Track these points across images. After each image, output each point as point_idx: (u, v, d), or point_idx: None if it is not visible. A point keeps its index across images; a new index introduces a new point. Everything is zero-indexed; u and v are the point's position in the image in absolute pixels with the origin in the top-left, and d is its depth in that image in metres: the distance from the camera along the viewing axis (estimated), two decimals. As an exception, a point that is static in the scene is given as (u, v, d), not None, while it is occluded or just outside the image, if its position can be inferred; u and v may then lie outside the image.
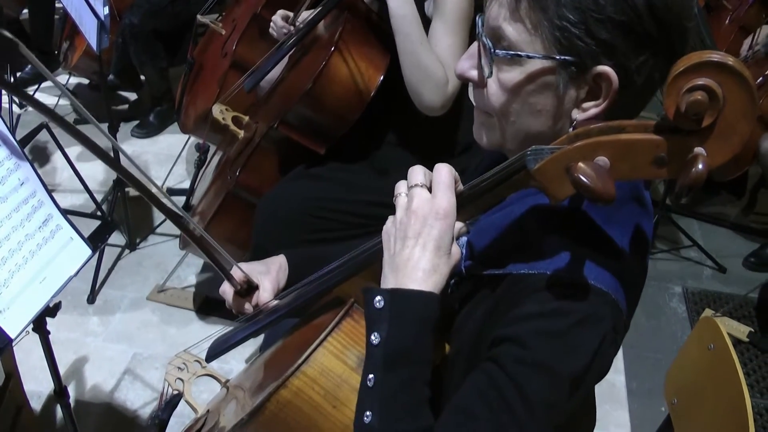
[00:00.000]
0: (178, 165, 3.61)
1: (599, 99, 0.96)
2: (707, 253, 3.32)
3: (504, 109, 1.01)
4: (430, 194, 0.99)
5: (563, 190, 0.88)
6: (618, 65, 0.93)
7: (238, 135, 2.31)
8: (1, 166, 1.65)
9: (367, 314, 0.99)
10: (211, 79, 3.07)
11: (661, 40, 0.93)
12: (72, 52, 3.84)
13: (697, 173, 0.78)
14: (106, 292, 3.04)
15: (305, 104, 2.08)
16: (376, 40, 2.14)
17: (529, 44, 0.96)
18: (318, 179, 2.19)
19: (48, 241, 1.72)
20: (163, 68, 3.84)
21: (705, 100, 0.77)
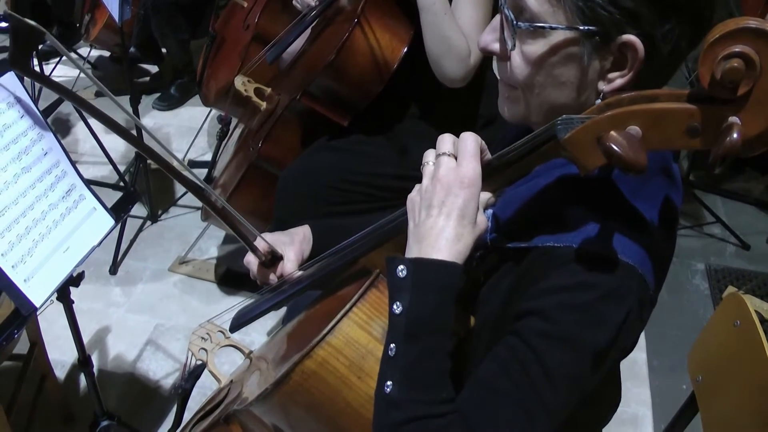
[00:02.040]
0: (199, 137, 3.61)
1: (625, 69, 0.94)
2: (731, 230, 3.29)
3: (528, 82, 1.00)
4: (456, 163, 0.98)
5: (594, 160, 0.86)
6: (643, 34, 0.90)
7: (261, 107, 2.30)
8: (25, 137, 1.65)
9: (389, 283, 0.99)
10: (232, 51, 3.06)
11: (688, 7, 0.90)
12: (93, 24, 3.83)
13: (732, 142, 0.76)
14: (128, 263, 3.06)
15: (328, 76, 2.06)
16: (400, 12, 2.11)
17: (551, 15, 0.94)
18: (340, 151, 2.18)
19: (71, 210, 1.73)
20: (184, 40, 3.83)
21: (741, 67, 0.75)
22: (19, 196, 1.62)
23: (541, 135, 0.92)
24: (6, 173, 1.61)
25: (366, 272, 1.16)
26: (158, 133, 3.78)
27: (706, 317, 2.88)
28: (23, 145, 1.65)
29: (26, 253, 1.60)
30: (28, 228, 1.62)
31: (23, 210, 1.62)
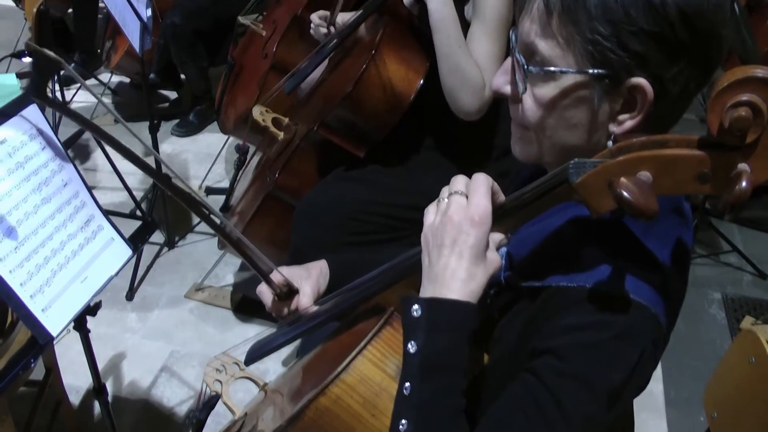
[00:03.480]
0: (217, 164, 3.64)
1: (635, 111, 0.95)
2: (747, 259, 3.27)
3: (540, 124, 1.01)
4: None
5: (605, 204, 0.87)
6: (652, 76, 0.92)
7: (278, 137, 2.32)
8: (46, 168, 1.68)
9: (404, 323, 1.00)
10: (251, 79, 3.10)
11: (696, 49, 0.91)
12: (114, 51, 3.90)
13: (741, 191, 0.77)
14: (144, 289, 3.08)
15: (345, 107, 2.08)
16: (416, 44, 2.14)
17: (561, 59, 0.96)
18: (357, 182, 2.20)
19: (90, 241, 1.75)
20: (203, 68, 3.88)
21: (749, 116, 0.76)
22: (38, 226, 1.65)
23: (553, 178, 0.93)
24: (27, 204, 1.63)
25: (381, 309, 1.16)
26: (176, 159, 3.82)
27: (724, 347, 2.87)
28: (44, 176, 1.68)
29: (44, 283, 1.62)
30: (46, 258, 1.64)
31: (42, 240, 1.64)
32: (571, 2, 0.93)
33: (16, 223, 1.61)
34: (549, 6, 0.95)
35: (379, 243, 2.16)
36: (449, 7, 1.96)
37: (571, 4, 0.93)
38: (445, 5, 1.96)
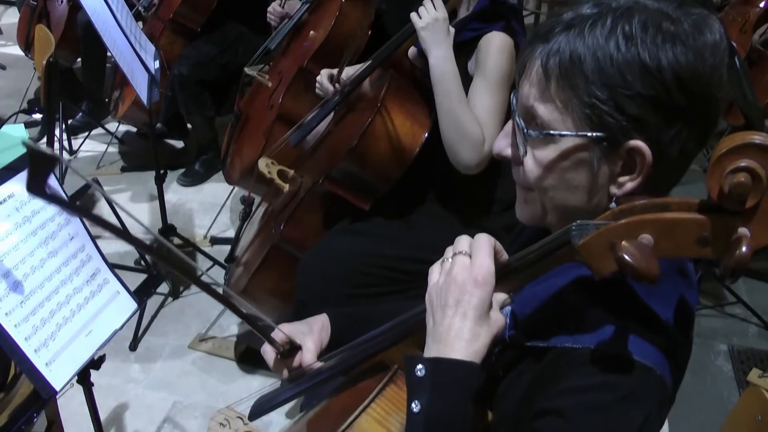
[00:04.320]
0: (222, 214, 3.66)
1: (634, 173, 0.96)
2: (753, 311, 3.26)
3: (541, 185, 1.03)
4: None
5: (607, 266, 0.88)
6: (650, 139, 0.93)
7: (284, 188, 2.34)
8: (52, 222, 1.69)
9: (408, 382, 1.00)
10: (257, 130, 3.13)
11: (693, 112, 0.93)
12: (122, 101, 3.94)
13: (741, 256, 0.78)
14: (148, 339, 3.08)
15: (350, 161, 2.10)
16: (420, 97, 2.16)
17: (560, 122, 0.97)
18: (361, 235, 2.21)
19: (95, 294, 1.76)
20: (210, 117, 3.91)
21: (748, 182, 0.77)
22: (44, 280, 1.66)
23: (556, 240, 0.94)
24: (33, 258, 1.65)
25: (385, 367, 1.16)
26: (181, 208, 3.84)
27: (731, 400, 2.84)
28: (50, 230, 1.70)
29: (49, 337, 1.62)
30: (52, 312, 1.65)
31: (48, 294, 1.65)
32: (568, 67, 0.95)
33: (22, 277, 1.62)
34: (547, 70, 0.97)
35: (384, 295, 2.17)
36: (450, 63, 1.99)
37: (568, 69, 0.95)
38: (447, 61, 1.99)
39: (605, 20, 0.94)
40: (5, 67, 5.27)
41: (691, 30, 0.92)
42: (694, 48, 0.91)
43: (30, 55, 4.40)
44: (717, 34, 0.94)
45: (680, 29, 0.92)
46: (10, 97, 4.78)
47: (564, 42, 0.96)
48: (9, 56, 5.39)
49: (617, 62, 0.92)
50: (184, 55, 3.76)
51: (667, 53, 0.91)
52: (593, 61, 0.93)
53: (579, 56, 0.94)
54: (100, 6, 2.56)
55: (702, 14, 0.95)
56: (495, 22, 2.08)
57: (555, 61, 0.97)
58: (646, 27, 0.92)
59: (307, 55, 2.94)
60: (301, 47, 3.07)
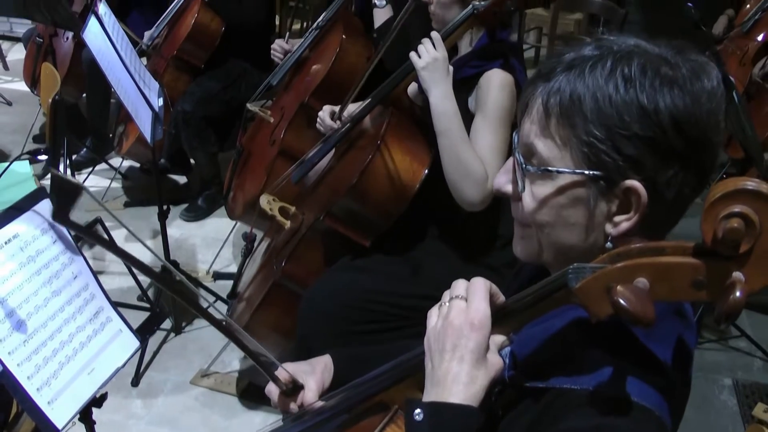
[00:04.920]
0: (225, 249, 3.67)
1: (630, 213, 0.98)
2: (757, 344, 3.25)
3: (538, 222, 1.04)
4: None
5: (604, 309, 0.89)
6: (646, 179, 0.95)
7: (285, 225, 2.35)
8: (56, 261, 1.70)
9: (406, 425, 1.00)
10: (259, 166, 3.15)
11: (689, 155, 0.95)
12: (126, 137, 3.97)
13: (735, 301, 0.78)
14: (150, 374, 3.07)
15: (351, 198, 2.12)
16: (420, 135, 2.19)
17: (559, 159, 0.99)
18: (362, 271, 2.22)
19: (98, 333, 1.76)
20: (213, 153, 3.94)
21: (741, 227, 0.78)
22: (48, 319, 1.66)
23: (553, 282, 0.95)
24: (37, 297, 1.66)
25: (385, 407, 1.17)
26: (184, 243, 3.86)
27: (736, 436, 2.83)
28: (54, 269, 1.70)
29: (51, 376, 1.63)
30: (55, 350, 1.65)
31: (51, 333, 1.66)
32: (568, 105, 0.97)
33: (26, 316, 1.63)
34: (548, 108, 1.00)
35: (386, 332, 2.17)
36: (451, 102, 2.01)
37: (568, 108, 0.97)
38: (447, 100, 2.01)
39: (605, 62, 0.97)
40: (11, 103, 5.32)
41: (689, 75, 0.95)
42: (691, 93, 0.94)
43: (36, 91, 4.44)
44: (714, 81, 0.96)
45: (678, 74, 0.94)
46: (16, 132, 4.82)
47: (565, 82, 0.99)
48: (15, 92, 5.44)
49: (616, 103, 0.94)
50: (187, 91, 3.80)
51: (664, 97, 0.93)
52: (592, 101, 0.96)
53: (579, 96, 0.97)
54: (105, 45, 2.60)
55: (700, 61, 0.97)
56: (495, 60, 2.10)
57: (555, 100, 0.99)
58: (645, 71, 0.95)
59: (308, 91, 2.97)
60: (303, 83, 3.10)
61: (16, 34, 6.22)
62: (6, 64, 5.93)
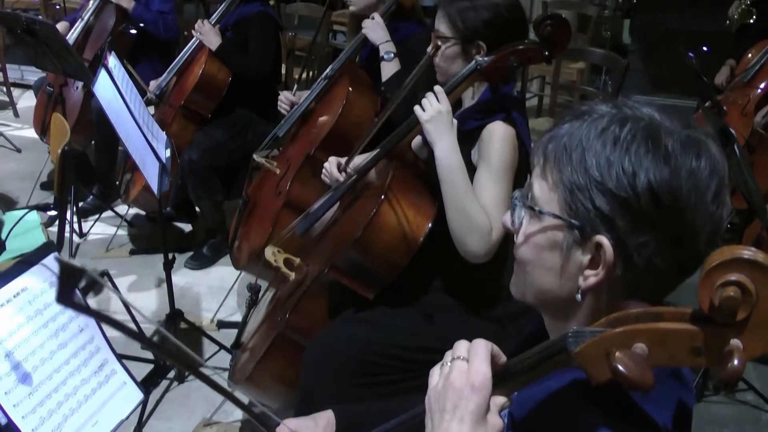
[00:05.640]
0: (229, 297, 3.68)
1: (598, 269, 1.00)
2: (765, 398, 3.23)
3: (523, 259, 1.09)
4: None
5: (603, 373, 0.90)
6: (616, 240, 0.98)
7: (290, 277, 2.36)
8: (63, 314, 1.72)
9: None
10: (264, 216, 3.17)
11: (662, 226, 0.96)
12: (132, 185, 4.00)
13: (733, 369, 0.80)
14: (153, 423, 3.06)
15: (355, 251, 2.13)
16: (424, 188, 2.21)
17: (547, 202, 1.04)
18: (366, 324, 2.23)
19: (102, 385, 1.78)
20: (218, 202, 3.97)
21: (738, 296, 0.80)
22: (53, 371, 1.68)
23: (553, 346, 0.96)
24: (43, 350, 1.67)
25: None
26: (189, 292, 3.87)
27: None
28: (61, 322, 1.72)
29: (56, 428, 1.64)
30: (59, 403, 1.66)
31: (56, 385, 1.67)
32: (561, 153, 1.02)
33: (31, 369, 1.64)
34: (547, 152, 1.05)
35: (389, 384, 2.17)
36: (456, 155, 2.04)
37: (561, 155, 1.02)
38: (452, 153, 2.04)
39: (605, 119, 1.01)
40: (20, 150, 5.38)
41: (678, 149, 0.97)
42: (674, 167, 0.95)
43: (45, 139, 4.49)
44: (703, 161, 0.97)
45: (668, 145, 0.96)
46: (24, 179, 4.86)
47: (566, 129, 1.03)
48: (24, 139, 5.50)
49: (599, 157, 0.98)
50: (194, 141, 3.84)
51: (645, 164, 0.96)
52: (581, 151, 1.00)
53: (572, 144, 1.01)
54: (114, 98, 2.64)
55: (698, 139, 0.99)
56: (497, 113, 2.14)
57: (554, 145, 1.04)
58: (636, 136, 0.98)
59: (314, 143, 3.01)
60: (309, 135, 3.14)
61: (27, 81, 6.31)
62: (16, 111, 6.00)
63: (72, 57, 3.73)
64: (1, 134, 5.49)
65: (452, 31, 2.19)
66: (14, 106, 6.00)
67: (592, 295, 1.02)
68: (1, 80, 5.98)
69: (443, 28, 2.21)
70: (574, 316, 1.06)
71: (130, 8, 4.39)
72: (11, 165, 5.19)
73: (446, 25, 2.20)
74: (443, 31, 2.21)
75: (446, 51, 2.21)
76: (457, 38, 2.19)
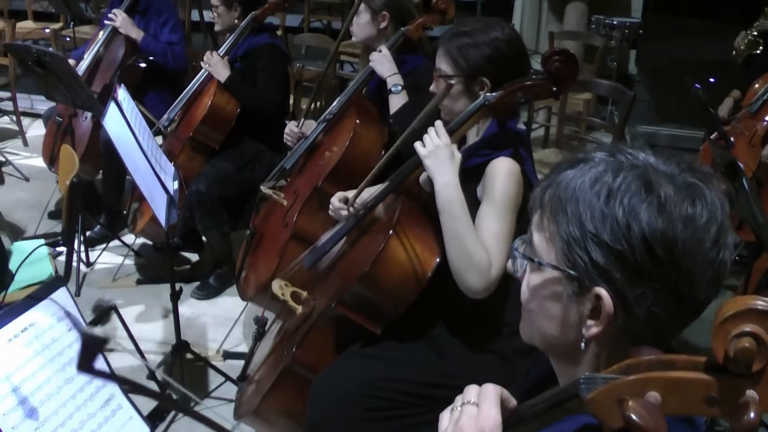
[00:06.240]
0: (235, 328, 3.67)
1: (598, 320, 1.00)
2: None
3: (528, 307, 1.10)
4: None
5: (615, 420, 0.89)
6: (615, 291, 0.97)
7: (296, 310, 2.36)
8: (70, 348, 1.73)
9: None
10: (271, 248, 3.17)
11: (659, 278, 0.96)
12: (140, 215, 4.01)
13: (749, 422, 0.79)
14: (159, 456, 3.05)
15: (362, 286, 2.13)
16: (431, 223, 2.21)
17: (546, 253, 1.04)
18: (373, 359, 2.22)
19: (108, 420, 1.77)
20: (225, 233, 3.97)
21: (753, 347, 0.79)
22: (60, 406, 1.68)
23: (564, 392, 0.95)
24: (50, 385, 1.67)
25: None
26: (195, 322, 3.86)
27: None
28: (68, 356, 1.72)
29: (62, 464, 1.63)
30: (65, 438, 1.66)
31: (63, 420, 1.67)
32: (557, 204, 1.02)
33: (38, 403, 1.64)
34: (543, 203, 1.06)
35: (396, 419, 2.16)
36: (456, 190, 2.04)
37: (557, 205, 1.02)
38: (452, 188, 2.04)
39: (599, 168, 1.00)
40: (29, 178, 5.40)
41: (675, 197, 0.96)
42: (669, 216, 0.95)
43: (53, 169, 4.51)
44: (700, 208, 0.96)
45: (661, 194, 0.95)
46: (32, 208, 4.88)
47: (562, 178, 1.03)
48: (32, 167, 5.52)
49: (593, 209, 0.98)
50: (202, 172, 3.84)
51: (640, 215, 0.95)
52: (575, 203, 1.00)
53: (567, 196, 1.01)
54: (123, 131, 2.65)
55: (693, 184, 0.98)
56: (503, 149, 2.14)
57: (549, 195, 1.04)
58: (630, 186, 0.97)
59: (321, 175, 3.01)
60: (316, 167, 3.15)
61: (37, 110, 6.34)
62: (26, 140, 6.03)
63: (81, 89, 3.76)
64: (9, 163, 5.52)
65: (454, 69, 2.20)
66: (23, 134, 6.03)
67: (597, 343, 1.02)
68: (11, 109, 6.01)
69: (445, 66, 2.22)
70: (580, 362, 1.06)
71: (139, 39, 4.43)
72: (19, 194, 5.21)
73: (448, 64, 2.21)
74: (445, 70, 2.22)
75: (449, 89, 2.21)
76: (460, 76, 2.19)
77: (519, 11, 7.27)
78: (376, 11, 3.21)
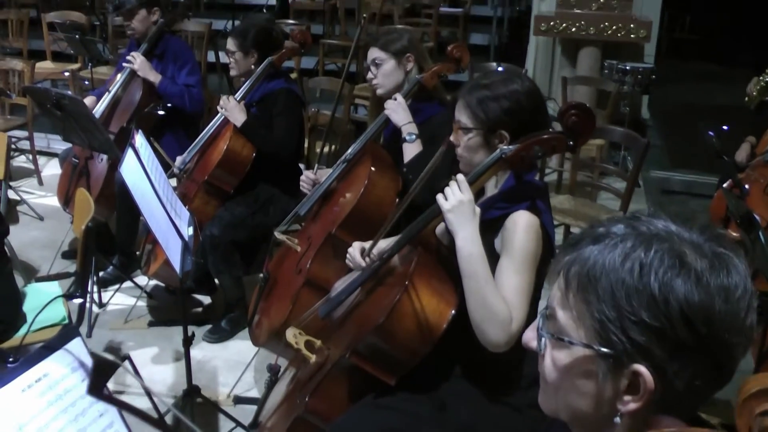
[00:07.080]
0: (247, 372, 3.66)
1: (637, 395, 0.99)
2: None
3: (554, 384, 1.07)
4: None
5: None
6: (654, 367, 0.96)
7: (310, 359, 2.35)
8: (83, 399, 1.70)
9: None
10: (284, 294, 3.17)
11: (699, 350, 0.95)
12: (154, 258, 4.01)
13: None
14: (168, 504, 3.02)
15: (377, 337, 2.13)
16: (446, 275, 2.21)
17: (574, 330, 1.03)
18: (386, 409, 2.20)
19: (121, 472, 1.76)
20: (238, 277, 3.97)
21: (778, 425, 0.79)
22: (72, 458, 1.66)
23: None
24: (63, 436, 1.66)
25: None
26: (206, 365, 3.84)
27: None
28: (81, 407, 1.71)
29: None
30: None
31: (75, 472, 1.66)
32: (585, 282, 1.00)
33: (51, 455, 1.63)
34: (568, 281, 1.04)
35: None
36: (477, 245, 2.04)
37: (585, 284, 1.00)
38: (473, 243, 2.04)
39: (627, 243, 0.99)
40: (43, 218, 5.44)
41: (708, 269, 0.95)
42: (706, 288, 0.94)
43: (68, 210, 4.54)
44: (735, 277, 0.96)
45: (697, 266, 0.95)
46: (46, 248, 4.90)
47: (586, 255, 1.02)
48: (47, 207, 5.56)
49: (627, 287, 0.96)
50: (216, 216, 3.85)
51: (677, 289, 0.94)
52: (607, 281, 0.98)
53: (595, 274, 1.00)
54: (140, 177, 2.67)
55: (726, 255, 0.98)
56: (521, 202, 2.14)
57: (575, 273, 1.02)
58: (663, 259, 0.96)
59: (336, 222, 3.02)
60: (331, 214, 3.15)
61: (53, 150, 6.40)
62: (41, 179, 6.08)
63: (98, 132, 3.80)
64: (24, 202, 5.56)
65: (474, 122, 2.21)
66: (39, 174, 6.09)
67: (630, 416, 1.00)
68: (28, 148, 6.07)
69: (464, 119, 2.23)
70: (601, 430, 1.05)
71: (157, 82, 4.48)
72: (33, 233, 5.24)
73: (467, 116, 2.22)
74: (465, 122, 2.23)
75: (469, 141, 2.22)
76: (479, 129, 2.20)
77: (532, 56, 7.31)
78: (398, 55, 3.23)
